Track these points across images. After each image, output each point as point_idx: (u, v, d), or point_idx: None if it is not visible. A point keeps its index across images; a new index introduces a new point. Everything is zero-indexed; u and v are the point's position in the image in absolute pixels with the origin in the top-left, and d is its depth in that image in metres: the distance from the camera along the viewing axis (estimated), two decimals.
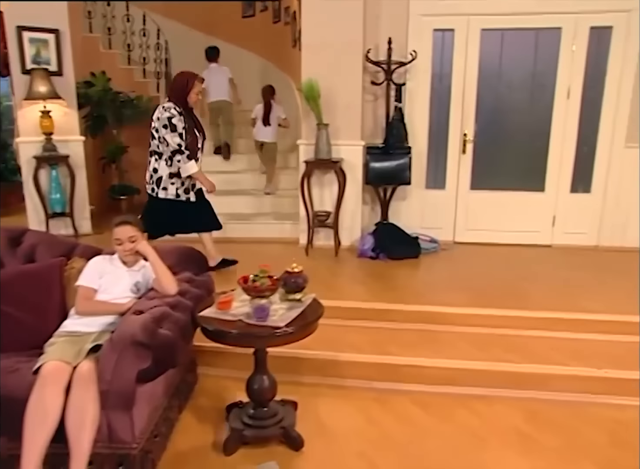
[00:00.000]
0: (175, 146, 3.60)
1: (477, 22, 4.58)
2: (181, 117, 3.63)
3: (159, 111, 3.64)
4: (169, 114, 3.60)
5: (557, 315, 3.30)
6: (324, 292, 3.69)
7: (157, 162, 3.73)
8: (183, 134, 3.62)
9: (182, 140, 3.61)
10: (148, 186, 3.82)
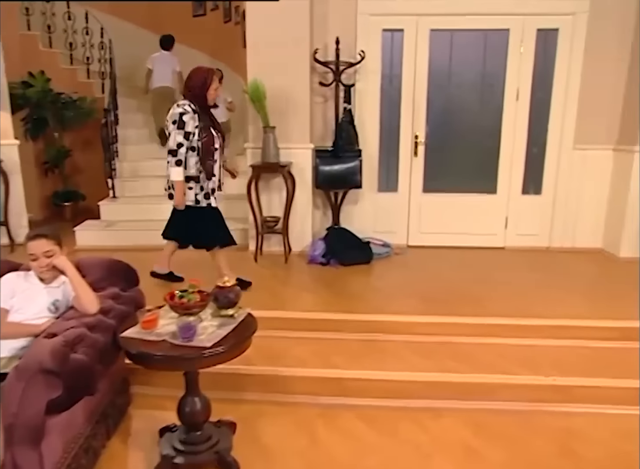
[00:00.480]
0: (173, 145, 3.33)
1: (426, 23, 4.51)
2: (195, 116, 3.37)
3: (172, 114, 3.39)
4: (181, 109, 3.35)
5: (506, 321, 3.24)
6: (269, 301, 3.60)
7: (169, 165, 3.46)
8: (190, 135, 3.36)
9: (185, 140, 3.34)
10: (166, 192, 3.58)
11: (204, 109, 3.44)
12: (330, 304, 3.53)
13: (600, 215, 4.77)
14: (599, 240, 4.81)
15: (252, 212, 4.41)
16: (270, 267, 4.33)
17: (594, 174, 4.69)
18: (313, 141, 4.68)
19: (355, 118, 4.57)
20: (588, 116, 4.58)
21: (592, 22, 4.41)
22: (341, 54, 4.47)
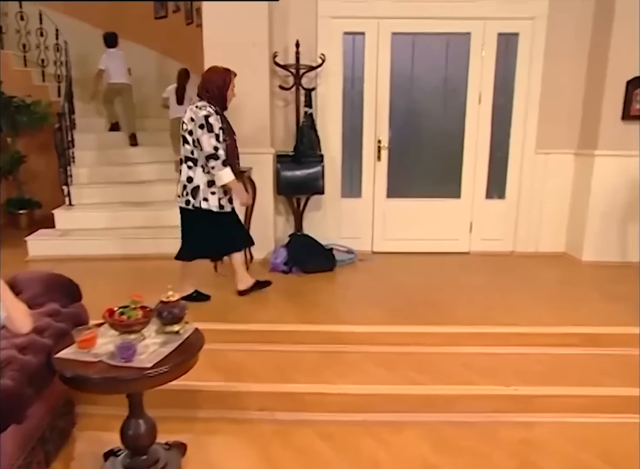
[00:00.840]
0: (210, 149, 3.23)
1: (387, 26, 4.46)
2: (218, 117, 3.29)
3: (191, 111, 3.28)
4: (205, 112, 3.24)
5: (469, 329, 3.19)
6: (227, 313, 3.47)
7: (191, 170, 3.33)
8: (220, 136, 3.27)
9: (218, 142, 3.25)
10: (180, 199, 3.39)
11: (223, 110, 3.37)
12: (290, 314, 3.42)
13: (563, 219, 4.78)
14: (562, 244, 4.82)
15: None
16: (230, 276, 4.15)
17: (556, 179, 4.71)
18: (275, 145, 4.58)
19: (316, 122, 4.49)
20: (549, 120, 4.59)
21: (550, 27, 4.42)
22: (302, 57, 4.39)
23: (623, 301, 3.60)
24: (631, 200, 4.40)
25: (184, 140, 3.33)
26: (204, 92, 3.36)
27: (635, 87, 4.17)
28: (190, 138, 3.30)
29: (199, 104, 3.30)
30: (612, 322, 3.28)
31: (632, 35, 4.12)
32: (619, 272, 4.28)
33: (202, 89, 3.36)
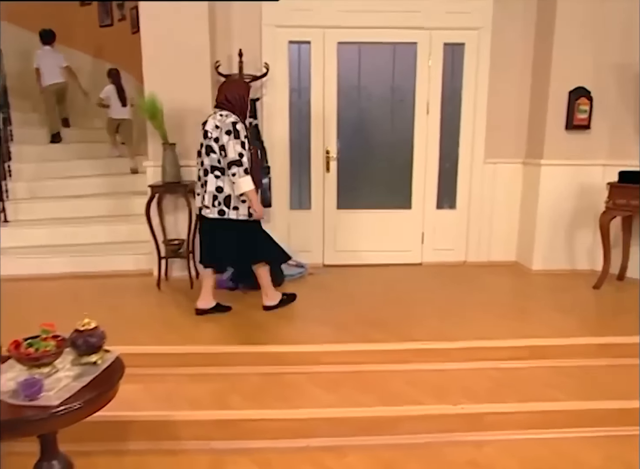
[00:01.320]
0: (235, 156, 3.17)
1: (333, 35, 4.39)
2: (243, 125, 3.28)
3: (216, 120, 3.23)
4: (233, 118, 3.22)
5: (416, 346, 3.09)
6: (165, 335, 3.27)
7: (219, 180, 3.26)
8: (245, 144, 3.24)
9: (243, 149, 3.20)
10: (212, 209, 3.29)
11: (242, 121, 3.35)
12: (232, 334, 3.26)
13: (513, 228, 4.79)
14: (513, 253, 4.82)
15: (152, 236, 4.07)
16: (174, 295, 4.01)
17: (505, 188, 4.71)
18: None
19: (262, 133, 4.36)
20: (497, 130, 4.60)
21: (495, 38, 4.44)
22: (247, 66, 4.27)
23: (571, 311, 3.59)
24: (577, 208, 4.43)
25: (209, 149, 3.27)
26: (226, 102, 3.31)
27: (577, 97, 4.21)
28: (216, 146, 3.24)
29: (223, 113, 3.26)
30: (561, 333, 3.24)
31: (572, 46, 4.16)
32: (568, 281, 4.28)
33: (224, 99, 3.31)
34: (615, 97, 4.25)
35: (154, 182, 4.12)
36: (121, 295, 3.98)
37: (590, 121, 4.25)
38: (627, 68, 4.11)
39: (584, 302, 3.81)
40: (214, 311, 3.55)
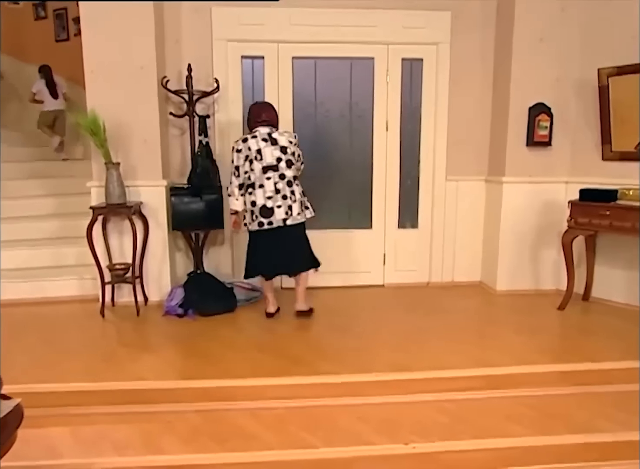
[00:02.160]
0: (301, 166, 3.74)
1: (287, 50, 4.24)
2: None
3: (290, 135, 3.62)
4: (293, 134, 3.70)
5: (367, 378, 2.88)
6: (99, 369, 2.99)
7: (299, 187, 3.63)
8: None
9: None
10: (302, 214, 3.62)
11: None
12: (172, 368, 3.03)
13: (477, 247, 4.65)
14: (477, 273, 4.68)
15: (95, 260, 3.83)
16: (117, 323, 3.76)
17: (468, 206, 4.59)
18: (172, 177, 4.24)
19: (215, 151, 4.17)
20: (458, 146, 4.48)
21: (454, 53, 4.34)
22: (198, 82, 4.10)
23: (533, 335, 3.44)
24: (541, 226, 4.31)
25: (290, 163, 3.54)
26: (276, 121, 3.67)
27: (538, 113, 4.12)
28: (294, 158, 3.58)
29: (281, 131, 3.63)
30: (521, 360, 3.07)
31: (531, 61, 4.08)
32: (532, 302, 4.15)
33: (275, 118, 3.65)
34: (575, 113, 4.17)
35: (97, 204, 3.89)
36: (60, 324, 3.71)
37: (551, 137, 4.16)
38: (586, 83, 4.04)
39: (547, 326, 3.66)
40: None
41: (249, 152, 3.49)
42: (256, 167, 3.48)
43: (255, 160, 3.48)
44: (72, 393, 2.73)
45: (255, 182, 3.50)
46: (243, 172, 3.52)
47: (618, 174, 3.88)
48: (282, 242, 3.58)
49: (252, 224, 3.58)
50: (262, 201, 3.50)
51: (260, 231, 3.56)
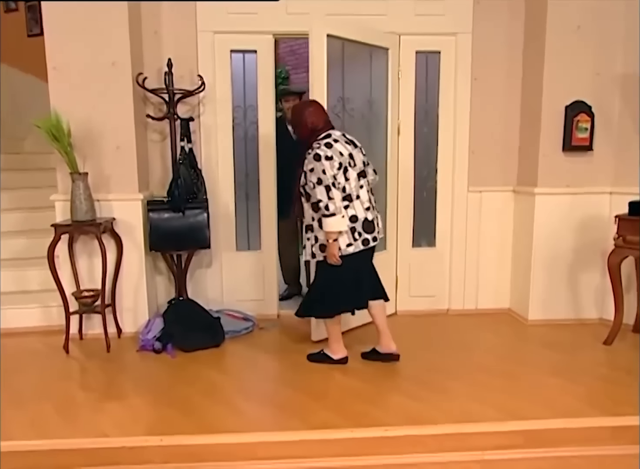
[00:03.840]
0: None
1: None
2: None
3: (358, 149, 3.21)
4: None
5: (376, 433, 2.53)
6: (51, 422, 2.64)
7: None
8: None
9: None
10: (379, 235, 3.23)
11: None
12: (139, 420, 2.68)
13: (505, 269, 4.30)
14: (505, 299, 4.33)
15: (58, 286, 3.53)
16: (81, 360, 3.46)
17: (494, 221, 4.25)
18: (150, 189, 3.97)
19: (199, 160, 3.89)
20: (482, 152, 4.16)
21: (477, 44, 4.03)
22: (181, 80, 3.84)
23: (576, 379, 3.07)
24: (581, 245, 3.97)
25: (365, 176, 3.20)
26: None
27: (576, 113, 3.79)
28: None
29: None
30: (564, 411, 2.71)
31: (568, 53, 3.76)
32: (572, 335, 3.78)
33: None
34: (619, 113, 3.84)
35: (62, 221, 3.61)
36: (13, 361, 3.40)
37: (592, 141, 3.83)
38: (631, 78, 3.72)
39: (591, 366, 3.28)
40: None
41: (342, 159, 3.03)
42: (351, 175, 3.08)
43: (350, 166, 3.07)
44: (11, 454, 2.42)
45: (351, 193, 3.08)
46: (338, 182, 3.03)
47: None
48: (370, 264, 3.32)
49: (354, 244, 3.09)
50: (363, 213, 3.12)
51: (360, 252, 3.13)
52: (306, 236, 3.21)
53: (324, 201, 2.96)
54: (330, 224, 2.99)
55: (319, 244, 3.12)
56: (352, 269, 3.14)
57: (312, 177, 2.99)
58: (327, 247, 3.06)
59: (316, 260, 3.19)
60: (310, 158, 3.01)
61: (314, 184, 2.98)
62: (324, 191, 2.97)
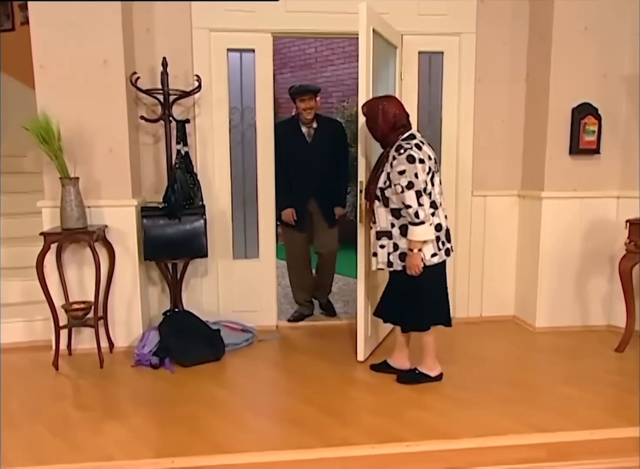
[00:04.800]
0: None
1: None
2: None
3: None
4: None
5: (394, 449, 2.51)
6: (46, 447, 2.55)
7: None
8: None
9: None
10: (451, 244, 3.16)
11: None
12: (145, 441, 2.59)
13: (510, 275, 4.33)
14: (510, 306, 4.35)
15: (47, 299, 3.42)
16: (73, 377, 3.35)
17: (498, 226, 4.27)
18: (144, 194, 3.89)
19: (195, 164, 3.82)
20: (486, 154, 4.19)
21: (481, 45, 4.06)
22: (176, 80, 3.78)
23: (593, 388, 3.09)
24: (588, 250, 4.01)
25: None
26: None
27: (583, 115, 3.84)
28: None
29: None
30: (585, 422, 2.72)
31: (574, 53, 3.81)
32: (582, 343, 3.82)
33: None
34: (627, 115, 3.90)
35: (50, 228, 3.50)
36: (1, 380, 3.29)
37: (600, 144, 3.88)
38: (638, 80, 3.78)
39: (606, 374, 3.30)
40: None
41: (430, 163, 2.92)
42: (436, 181, 2.98)
43: (436, 172, 2.99)
44: None
45: (436, 200, 2.97)
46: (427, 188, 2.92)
47: None
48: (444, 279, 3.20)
49: (439, 254, 3.00)
50: (445, 221, 3.05)
51: (443, 262, 3.07)
52: (379, 242, 3.06)
53: (413, 207, 2.84)
54: (418, 232, 2.87)
55: (399, 252, 2.99)
56: (438, 280, 3.09)
57: (401, 180, 2.84)
58: (407, 257, 2.95)
59: (392, 270, 3.07)
60: (403, 159, 2.85)
61: (403, 187, 2.84)
62: (414, 196, 2.84)
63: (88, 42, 3.48)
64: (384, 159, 3.00)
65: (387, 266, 3.05)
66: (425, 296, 3.05)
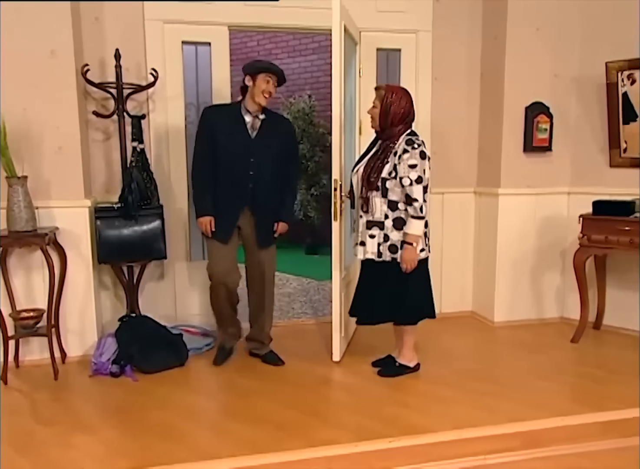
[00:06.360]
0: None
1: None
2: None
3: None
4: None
5: (377, 446, 2.65)
6: (17, 467, 2.54)
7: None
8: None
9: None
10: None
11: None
12: (119, 452, 2.59)
13: (468, 272, 4.58)
14: (468, 302, 4.60)
15: None
16: (27, 391, 3.25)
17: (456, 222, 4.51)
18: (96, 194, 3.82)
19: (151, 161, 3.80)
20: (443, 152, 4.39)
21: (437, 43, 4.27)
22: (129, 73, 3.77)
23: (555, 378, 3.36)
24: (541, 245, 4.30)
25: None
26: None
27: (536, 114, 4.12)
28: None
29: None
30: (557, 410, 2.95)
31: (527, 53, 4.08)
32: (539, 336, 4.09)
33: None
34: (575, 114, 4.22)
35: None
36: None
37: (552, 142, 4.18)
38: (587, 79, 4.09)
39: (566, 364, 3.59)
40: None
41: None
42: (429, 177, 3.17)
43: (429, 169, 3.13)
44: None
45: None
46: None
47: (630, 183, 3.94)
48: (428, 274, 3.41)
49: (426, 250, 3.21)
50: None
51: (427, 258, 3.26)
52: (370, 232, 3.15)
53: (419, 201, 3.01)
54: (418, 227, 3.06)
55: (389, 244, 3.11)
56: (426, 274, 3.27)
57: (411, 174, 2.99)
58: (404, 250, 3.07)
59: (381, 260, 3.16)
60: (416, 154, 3.01)
61: (412, 181, 2.99)
62: (421, 191, 3.01)
63: (34, 30, 3.39)
64: (388, 150, 3.10)
65: (377, 256, 3.17)
66: (417, 289, 3.23)
